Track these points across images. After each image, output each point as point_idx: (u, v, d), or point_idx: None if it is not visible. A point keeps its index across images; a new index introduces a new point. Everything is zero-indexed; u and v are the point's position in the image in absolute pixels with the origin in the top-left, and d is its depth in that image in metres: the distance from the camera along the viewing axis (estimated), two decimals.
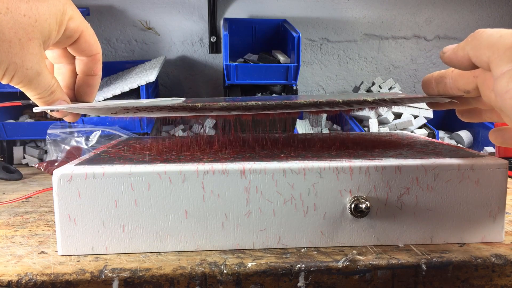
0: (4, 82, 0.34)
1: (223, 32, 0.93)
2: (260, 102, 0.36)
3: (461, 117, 0.40)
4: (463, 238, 0.37)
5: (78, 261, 0.34)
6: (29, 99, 0.37)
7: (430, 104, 0.40)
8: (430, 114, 0.95)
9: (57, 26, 0.35)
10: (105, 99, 0.85)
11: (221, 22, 1.08)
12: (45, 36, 0.34)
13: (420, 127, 0.93)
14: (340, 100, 0.36)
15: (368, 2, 1.13)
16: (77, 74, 0.41)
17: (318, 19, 1.13)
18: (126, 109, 0.38)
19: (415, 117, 0.93)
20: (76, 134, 0.81)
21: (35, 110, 0.36)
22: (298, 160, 0.36)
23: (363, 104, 0.38)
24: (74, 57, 0.41)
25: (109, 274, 0.32)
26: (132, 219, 0.35)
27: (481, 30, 0.31)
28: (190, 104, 0.35)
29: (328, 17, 1.13)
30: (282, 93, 0.93)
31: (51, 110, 0.37)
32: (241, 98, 0.41)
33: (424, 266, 0.33)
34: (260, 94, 0.92)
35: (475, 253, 0.35)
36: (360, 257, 0.34)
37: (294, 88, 0.86)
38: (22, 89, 0.35)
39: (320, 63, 1.15)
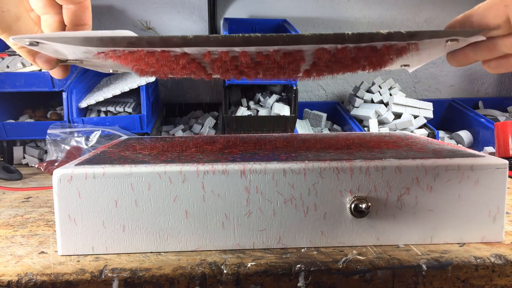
0: None
1: (223, 32, 0.93)
2: (259, 35, 0.31)
3: (488, 68, 0.36)
4: (463, 238, 0.37)
5: (78, 261, 0.34)
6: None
7: (451, 59, 0.36)
8: (430, 114, 0.95)
9: None
10: (105, 99, 0.85)
11: (221, 22, 1.08)
12: None
13: (420, 127, 0.93)
14: (350, 33, 0.31)
15: (368, 2, 1.13)
16: (65, 26, 0.38)
17: (318, 19, 1.13)
18: (115, 43, 0.32)
19: (415, 117, 0.93)
20: (76, 134, 0.81)
21: (11, 39, 0.32)
22: (298, 160, 0.36)
23: (374, 38, 0.32)
24: (61, 7, 0.38)
25: (109, 274, 0.32)
26: (132, 219, 0.35)
27: None
28: (190, 36, 0.31)
29: (328, 17, 1.13)
30: (282, 93, 0.93)
31: (30, 44, 0.33)
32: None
33: (424, 266, 0.33)
34: (260, 94, 0.92)
35: (475, 253, 0.35)
36: (360, 257, 0.34)
37: (294, 88, 0.86)
38: (2, 37, 0.33)
39: None
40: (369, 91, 1.03)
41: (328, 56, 0.33)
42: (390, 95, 0.99)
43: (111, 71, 0.47)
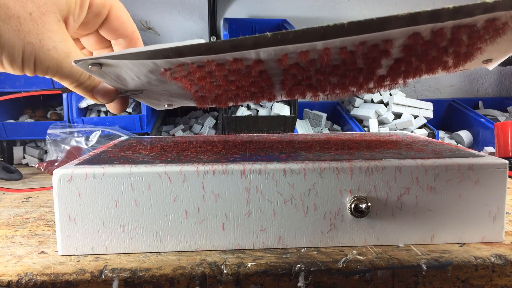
0: (28, 72, 0.29)
1: (223, 32, 0.93)
2: (345, 23, 0.27)
3: None
4: (463, 238, 0.37)
5: (78, 261, 0.34)
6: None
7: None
8: (430, 114, 0.95)
9: None
10: None
11: (221, 22, 1.08)
12: (63, 9, 0.29)
13: (420, 127, 0.93)
14: (451, 7, 0.27)
15: (368, 2, 1.13)
16: None
17: (318, 19, 1.13)
18: (190, 51, 0.28)
19: (415, 117, 0.93)
20: (76, 134, 0.81)
21: (73, 63, 0.30)
22: (298, 160, 0.36)
23: (476, 11, 0.27)
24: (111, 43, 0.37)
25: (109, 274, 0.32)
26: (132, 219, 0.35)
27: None
28: (268, 35, 0.27)
29: (328, 17, 1.13)
30: None
31: (93, 64, 0.30)
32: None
33: (424, 266, 0.33)
34: None
35: (475, 253, 0.35)
36: (360, 257, 0.34)
37: None
38: (55, 78, 0.30)
39: None
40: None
41: (421, 45, 0.30)
42: (390, 95, 0.99)
43: (166, 107, 0.46)
